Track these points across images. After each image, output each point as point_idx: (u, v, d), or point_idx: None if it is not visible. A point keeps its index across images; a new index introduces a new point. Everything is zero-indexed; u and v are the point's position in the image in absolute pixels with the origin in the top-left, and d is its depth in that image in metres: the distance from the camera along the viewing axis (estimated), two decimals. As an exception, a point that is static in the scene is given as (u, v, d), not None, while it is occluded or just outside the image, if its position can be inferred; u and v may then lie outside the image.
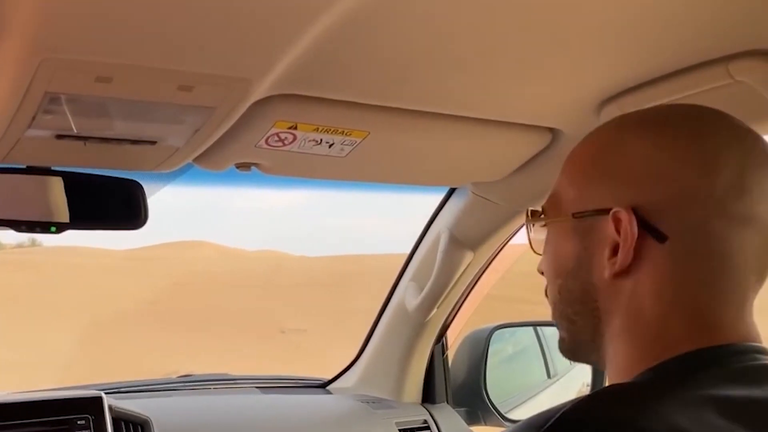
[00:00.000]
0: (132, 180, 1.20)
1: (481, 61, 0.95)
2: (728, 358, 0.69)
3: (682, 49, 0.92)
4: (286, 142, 1.12)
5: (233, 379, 1.94)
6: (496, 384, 1.86)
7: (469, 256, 1.59)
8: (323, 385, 1.99)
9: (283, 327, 16.04)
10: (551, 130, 1.22)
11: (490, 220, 1.55)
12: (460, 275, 1.62)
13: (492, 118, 1.16)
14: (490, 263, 1.69)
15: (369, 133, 1.14)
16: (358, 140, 1.15)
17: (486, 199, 1.52)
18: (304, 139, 1.13)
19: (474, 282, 1.72)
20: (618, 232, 0.71)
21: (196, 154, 1.11)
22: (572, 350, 0.81)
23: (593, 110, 1.09)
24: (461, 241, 1.59)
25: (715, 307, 0.71)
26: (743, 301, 0.72)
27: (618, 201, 0.71)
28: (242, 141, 1.09)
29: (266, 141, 1.11)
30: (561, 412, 0.63)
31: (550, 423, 0.62)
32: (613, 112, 1.05)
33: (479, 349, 1.82)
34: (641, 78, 1.00)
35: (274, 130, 1.08)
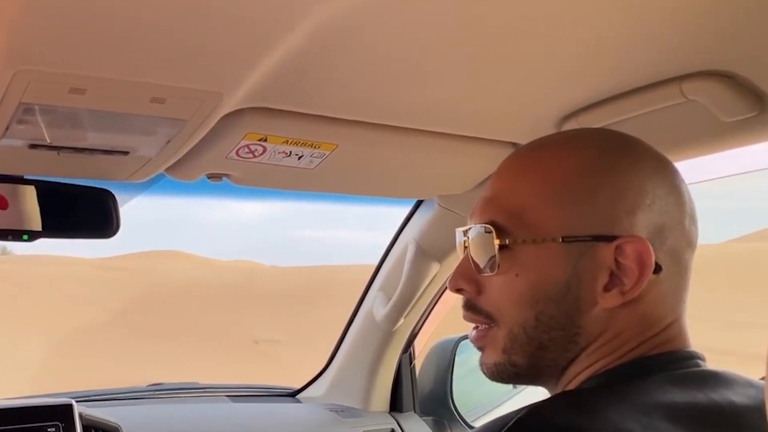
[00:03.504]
0: (104, 189, 1.21)
1: (446, 76, 0.97)
2: (672, 363, 0.72)
3: (639, 68, 0.94)
4: (256, 153, 1.13)
5: (203, 388, 1.93)
6: (463, 393, 1.86)
7: (435, 267, 1.61)
8: (293, 394, 1.99)
9: (256, 337, 15.93)
10: (513, 144, 1.23)
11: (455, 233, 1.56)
12: (427, 286, 1.63)
13: (456, 133, 1.18)
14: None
15: (337, 146, 1.15)
16: (327, 153, 1.17)
17: (452, 211, 1.54)
18: (274, 151, 1.14)
19: (440, 293, 1.73)
20: (617, 261, 0.70)
21: (168, 165, 1.12)
22: (520, 375, 0.77)
23: (553, 126, 1.11)
24: (428, 253, 1.60)
25: (678, 323, 0.74)
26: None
27: (617, 229, 0.70)
28: (213, 152, 1.10)
29: (237, 152, 1.12)
30: (516, 417, 0.63)
31: (506, 428, 0.63)
32: (572, 128, 1.07)
33: (446, 358, 1.83)
34: (600, 96, 1.02)
35: (244, 142, 1.09)
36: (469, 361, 1.85)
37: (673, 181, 0.75)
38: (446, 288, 1.70)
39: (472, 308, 0.78)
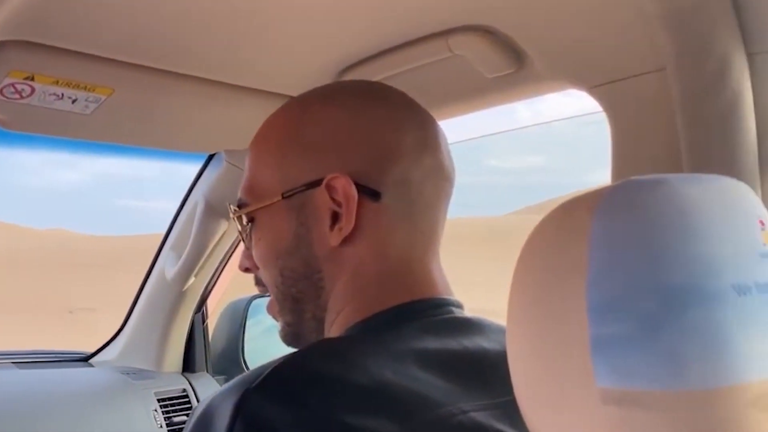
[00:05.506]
0: None
1: (224, 23, 0.91)
2: (428, 311, 0.70)
3: (409, 21, 0.93)
4: (23, 94, 1.02)
5: (-14, 355, 1.76)
6: (258, 354, 1.82)
7: (223, 225, 1.55)
8: (86, 359, 1.86)
9: (71, 306, 15.27)
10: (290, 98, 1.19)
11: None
12: (216, 244, 1.57)
13: (237, 83, 1.12)
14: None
15: (114, 90, 1.06)
16: (103, 97, 1.07)
17: (238, 167, 1.48)
18: (44, 93, 1.03)
19: (231, 251, 1.67)
20: (334, 200, 0.70)
21: None
22: (298, 333, 0.76)
23: (331, 79, 1.08)
24: (216, 210, 1.53)
25: (423, 261, 0.73)
26: (438, 253, 0.75)
27: (326, 170, 0.70)
28: (-27, 90, 0.97)
29: (1, 92, 1.00)
30: (272, 367, 0.60)
31: (260, 378, 0.59)
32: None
33: (238, 318, 1.77)
34: (374, 49, 1.00)
35: (9, 80, 0.98)
36: (263, 321, 1.80)
37: (391, 111, 0.74)
38: (236, 246, 1.64)
39: (257, 282, 0.80)
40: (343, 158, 0.71)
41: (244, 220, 0.76)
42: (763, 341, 0.43)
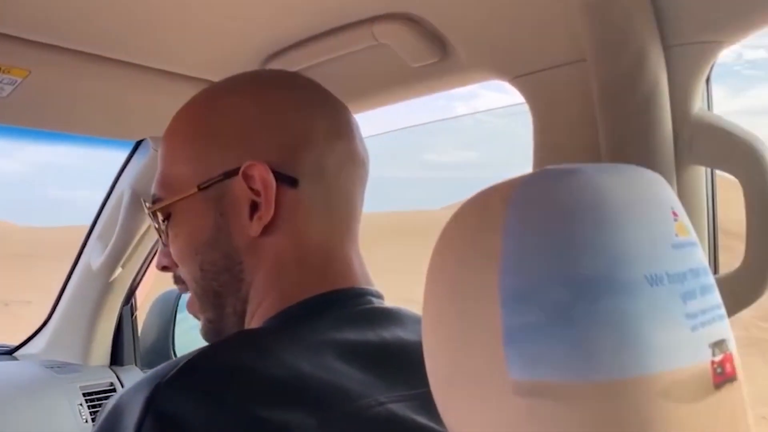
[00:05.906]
0: None
1: (146, 5, 0.88)
2: (346, 301, 0.69)
3: (333, 9, 0.91)
4: (-67, 75, 0.96)
5: None
6: (189, 347, 1.76)
7: (150, 215, 1.49)
8: (10, 352, 1.79)
9: (6, 299, 14.83)
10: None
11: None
12: (144, 234, 1.52)
13: (160, 68, 1.08)
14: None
15: (30, 72, 1.01)
16: (19, 79, 1.02)
17: (165, 156, 1.43)
18: (-45, 74, 0.97)
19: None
20: (252, 189, 0.68)
21: None
22: (220, 329, 0.74)
23: (256, 67, 1.05)
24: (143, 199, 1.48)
25: (342, 250, 0.72)
26: (357, 242, 0.74)
27: (241, 159, 0.68)
28: None
29: None
30: (185, 360, 0.58)
31: (173, 372, 0.57)
32: (277, 68, 1.00)
33: (168, 311, 1.73)
34: (299, 36, 0.98)
35: None
36: (194, 315, 1.76)
37: (299, 98, 0.73)
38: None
39: (176, 280, 0.77)
40: (256, 147, 0.69)
41: (160, 216, 0.73)
42: (674, 331, 0.43)
